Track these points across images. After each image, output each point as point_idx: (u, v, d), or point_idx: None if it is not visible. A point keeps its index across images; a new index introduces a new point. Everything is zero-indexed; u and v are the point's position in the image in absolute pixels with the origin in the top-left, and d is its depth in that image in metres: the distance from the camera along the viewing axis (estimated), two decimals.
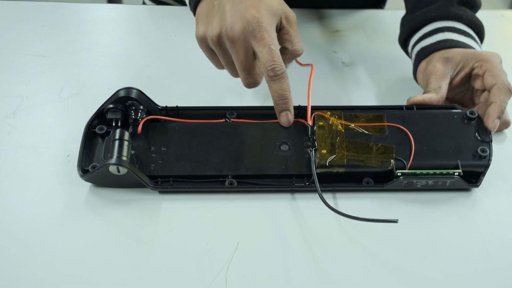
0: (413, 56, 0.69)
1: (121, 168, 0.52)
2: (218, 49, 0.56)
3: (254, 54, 0.55)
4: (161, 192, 0.55)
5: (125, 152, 0.53)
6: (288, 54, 0.59)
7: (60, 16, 0.83)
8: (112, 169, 0.52)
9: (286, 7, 0.58)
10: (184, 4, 0.86)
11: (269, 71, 0.54)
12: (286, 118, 0.57)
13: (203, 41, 0.57)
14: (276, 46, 0.54)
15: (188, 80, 0.71)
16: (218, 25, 0.55)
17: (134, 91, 0.58)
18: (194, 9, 0.60)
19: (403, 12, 0.74)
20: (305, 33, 0.81)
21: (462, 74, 0.63)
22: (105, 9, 0.87)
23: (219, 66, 0.60)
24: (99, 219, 0.52)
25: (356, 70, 0.74)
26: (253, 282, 0.47)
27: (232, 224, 0.52)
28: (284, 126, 0.57)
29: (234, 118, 0.59)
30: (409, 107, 0.60)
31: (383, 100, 0.68)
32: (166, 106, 0.60)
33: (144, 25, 0.83)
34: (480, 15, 0.72)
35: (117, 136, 0.54)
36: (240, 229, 0.51)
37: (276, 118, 0.58)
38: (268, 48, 0.53)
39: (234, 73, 0.59)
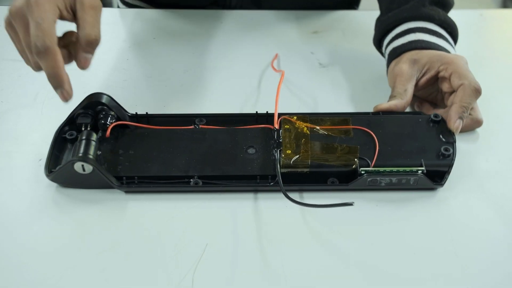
0: (386, 56, 0.69)
1: (86, 167, 0.53)
2: (9, 29, 0.53)
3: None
4: (127, 192, 0.55)
5: (91, 151, 0.54)
6: (82, 41, 0.53)
7: None
8: (77, 166, 0.53)
9: None
10: (160, 6, 0.87)
11: (32, 47, 0.50)
12: (61, 95, 0.52)
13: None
14: (46, 20, 0.50)
15: (164, 83, 0.72)
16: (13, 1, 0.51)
17: (105, 96, 0.59)
18: None
19: (377, 12, 0.74)
20: (283, 35, 0.81)
21: (428, 76, 0.63)
22: None
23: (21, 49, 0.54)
24: (66, 220, 0.53)
25: (332, 70, 0.74)
26: (220, 284, 0.47)
27: (200, 225, 0.52)
28: (64, 103, 0.53)
29: (203, 125, 0.59)
30: (375, 113, 0.61)
31: (357, 100, 0.69)
32: (136, 113, 0.60)
33: (122, 28, 0.84)
34: (458, 14, 0.72)
35: (84, 137, 0.55)
36: (208, 230, 0.52)
37: (245, 125, 0.59)
38: (34, 22, 0.49)
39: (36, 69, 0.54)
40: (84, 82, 0.71)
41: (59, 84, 0.52)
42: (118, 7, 0.94)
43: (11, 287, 0.46)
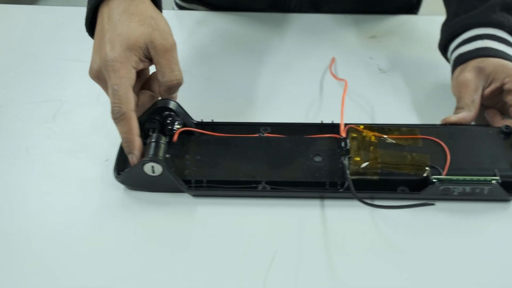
0: (451, 62, 0.68)
1: (156, 168, 0.53)
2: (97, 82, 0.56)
3: None
4: (195, 196, 0.55)
5: (160, 153, 0.54)
6: (162, 85, 0.56)
7: None
8: (147, 168, 0.53)
9: (154, 35, 0.54)
10: (216, 9, 0.87)
11: (111, 114, 0.53)
12: (131, 160, 0.54)
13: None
14: (121, 86, 0.52)
15: (223, 86, 0.72)
16: (91, 60, 0.55)
17: (172, 102, 0.59)
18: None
19: (437, 17, 0.73)
20: (341, 39, 0.80)
21: (492, 87, 0.62)
22: None
23: None
24: (135, 221, 0.53)
25: (393, 76, 0.73)
26: None
27: (268, 231, 0.52)
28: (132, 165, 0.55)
29: (268, 133, 0.59)
30: (443, 125, 0.60)
31: (421, 108, 0.67)
32: (202, 121, 0.60)
33: (178, 30, 0.84)
34: None
35: (153, 139, 0.55)
36: (276, 236, 0.51)
37: (310, 134, 0.59)
38: (111, 89, 0.52)
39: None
40: None
41: (131, 150, 0.54)
42: (173, 9, 0.95)
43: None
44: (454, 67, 0.67)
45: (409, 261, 0.49)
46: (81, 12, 0.86)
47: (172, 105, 0.59)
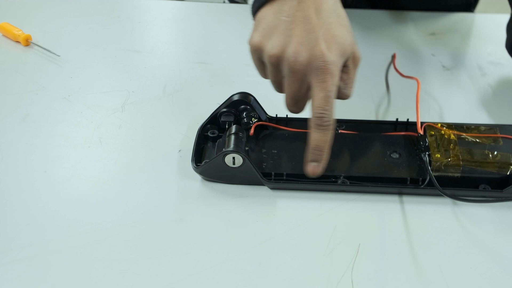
0: None
1: (237, 159, 0.53)
2: (272, 68, 0.51)
3: (308, 89, 0.51)
4: (273, 189, 0.55)
5: (241, 145, 0.54)
6: (342, 96, 0.53)
7: (154, 13, 0.85)
8: (228, 159, 0.53)
9: (355, 46, 0.52)
10: None
11: (317, 119, 0.49)
12: (313, 169, 0.51)
13: (256, 52, 0.52)
14: (334, 94, 0.49)
15: None
16: (280, 45, 0.49)
17: (249, 96, 0.59)
18: (255, 11, 0.54)
19: (494, 15, 0.72)
20: (401, 35, 0.80)
21: None
22: (201, 6, 0.88)
23: (265, 76, 0.55)
24: (216, 213, 0.53)
25: (457, 74, 0.73)
26: (379, 285, 0.46)
27: (349, 225, 0.51)
28: (309, 175, 0.52)
29: (342, 130, 0.59)
30: None
31: (490, 106, 0.67)
32: (276, 115, 0.61)
33: (237, 23, 0.84)
34: None
35: (233, 131, 0.55)
36: (358, 230, 0.51)
37: (384, 131, 0.58)
38: (325, 93, 0.48)
39: (279, 91, 0.54)
40: (206, 75, 0.72)
41: (320, 159, 0.51)
42: (224, 2, 0.95)
43: (162, 278, 0.47)
44: None
45: (494, 259, 0.49)
46: (137, 3, 0.86)
47: (248, 98, 0.59)
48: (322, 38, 0.49)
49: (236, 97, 0.59)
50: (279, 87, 0.54)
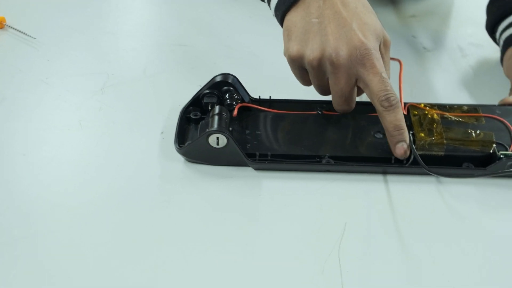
0: (501, 43, 0.68)
1: (220, 140, 0.52)
2: (315, 72, 0.53)
3: (356, 81, 0.52)
4: (257, 169, 0.54)
5: (225, 125, 0.54)
6: None
7: None
8: (212, 139, 0.52)
9: (384, 30, 0.55)
10: None
11: (384, 101, 0.51)
12: (403, 149, 0.52)
13: (296, 61, 0.54)
14: (386, 74, 0.51)
15: (270, 63, 0.71)
16: (319, 47, 0.51)
17: (231, 77, 0.59)
18: (282, 18, 0.56)
19: None
20: (382, 18, 0.78)
21: None
22: None
23: (307, 84, 0.56)
24: (200, 194, 0.52)
25: (438, 55, 0.73)
26: (366, 262, 0.46)
27: (335, 204, 0.51)
28: (399, 158, 0.53)
29: (325, 111, 0.59)
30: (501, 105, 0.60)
31: (470, 86, 0.67)
32: (260, 97, 0.60)
33: (217, 6, 0.83)
34: None
35: (217, 111, 0.55)
36: (343, 209, 0.51)
37: (369, 112, 0.58)
38: (380, 76, 0.50)
39: (325, 93, 0.56)
40: (188, 57, 0.71)
41: (403, 137, 0.52)
42: None
43: (145, 263, 0.46)
44: (504, 48, 0.67)
45: (478, 235, 0.49)
46: None
47: (231, 79, 0.58)
48: (356, 29, 0.51)
49: (218, 78, 0.58)
50: (325, 91, 0.55)
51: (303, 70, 0.55)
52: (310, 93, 0.63)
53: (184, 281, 0.44)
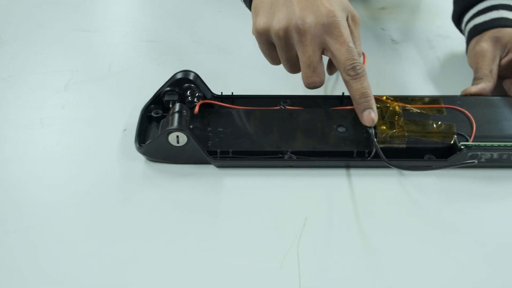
0: (466, 33, 0.68)
1: (181, 138, 0.52)
2: (282, 43, 0.53)
3: (323, 52, 0.53)
4: (219, 167, 0.54)
5: (185, 123, 0.53)
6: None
7: None
8: (172, 138, 0.52)
9: (351, 7, 0.55)
10: None
11: (350, 70, 0.51)
12: (369, 115, 0.53)
13: (264, 34, 0.53)
14: (353, 43, 0.52)
15: (236, 56, 0.71)
16: (285, 17, 0.51)
17: (192, 74, 0.58)
18: (250, 2, 0.56)
19: None
20: None
21: (509, 57, 0.62)
22: None
23: (275, 61, 0.57)
24: (160, 194, 0.51)
25: (406, 47, 0.73)
26: (325, 257, 0.46)
27: (296, 199, 0.51)
28: (367, 126, 0.53)
29: (288, 106, 0.59)
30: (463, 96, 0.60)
31: (436, 78, 0.67)
32: (222, 93, 0.59)
33: (185, 1, 0.82)
34: None
35: (177, 109, 0.54)
36: (304, 204, 0.51)
37: (330, 106, 0.58)
38: (347, 45, 0.51)
39: (293, 69, 0.56)
40: (154, 53, 0.71)
41: (370, 105, 0.53)
42: None
43: (104, 262, 0.45)
44: (469, 39, 0.67)
45: (438, 227, 0.49)
46: None
47: (192, 76, 0.58)
48: (324, 0, 0.51)
49: (179, 76, 0.58)
50: (293, 65, 0.55)
51: (270, 45, 0.55)
52: (276, 89, 0.63)
53: (144, 278, 0.44)
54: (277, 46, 0.54)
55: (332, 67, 0.58)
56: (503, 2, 0.66)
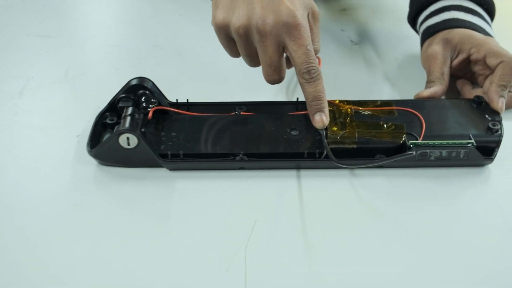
0: (420, 35, 0.68)
1: (131, 140, 0.51)
2: (241, 40, 0.52)
3: (283, 50, 0.52)
4: (171, 170, 0.54)
5: (136, 126, 0.53)
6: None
7: None
8: (122, 140, 0.51)
9: (312, 2, 0.54)
10: None
11: (305, 74, 0.51)
12: (320, 118, 0.52)
13: (223, 29, 0.52)
14: (311, 46, 0.51)
15: (195, 61, 0.71)
16: (245, 15, 0.51)
17: (147, 80, 0.58)
18: None
19: None
20: None
21: (460, 58, 0.63)
22: None
23: (235, 54, 0.56)
24: (111, 197, 0.51)
25: (365, 48, 0.73)
26: (272, 260, 0.46)
27: (247, 202, 0.51)
28: (318, 128, 0.53)
29: (244, 112, 0.59)
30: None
31: (394, 79, 0.68)
32: (177, 100, 0.59)
33: (147, 4, 0.82)
34: None
35: (128, 112, 0.54)
36: (255, 206, 0.51)
37: (286, 111, 0.58)
38: (304, 48, 0.50)
39: (253, 64, 0.55)
40: (113, 58, 0.70)
41: (321, 107, 0.53)
42: None
43: (55, 266, 0.45)
44: (423, 40, 0.67)
45: (387, 226, 0.49)
46: None
47: (146, 83, 0.58)
48: None
49: (134, 82, 0.58)
50: (252, 60, 0.54)
51: (230, 40, 0.54)
52: (233, 94, 0.63)
53: (91, 283, 0.44)
54: (237, 42, 0.53)
55: (290, 63, 0.58)
56: (455, 3, 0.66)
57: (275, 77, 0.54)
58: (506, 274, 0.45)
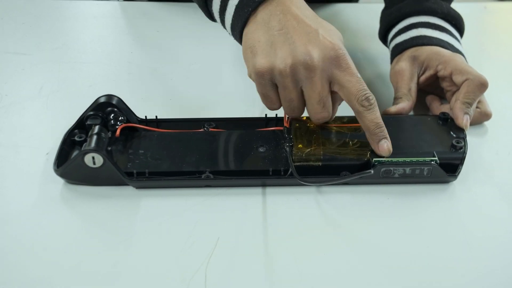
0: (390, 52, 0.69)
1: (97, 159, 0.52)
2: (287, 81, 0.51)
3: (330, 85, 0.52)
4: (138, 188, 0.54)
5: (102, 145, 0.53)
6: None
7: (40, 13, 0.83)
8: (88, 159, 0.52)
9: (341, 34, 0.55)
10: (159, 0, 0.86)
11: (364, 101, 0.51)
12: (387, 146, 0.53)
13: (267, 74, 0.51)
14: (358, 73, 0.52)
15: (170, 77, 0.71)
16: (289, 54, 0.50)
17: (115, 98, 0.58)
18: (240, 35, 0.54)
19: (377, 5, 0.74)
20: None
21: (427, 74, 0.63)
22: (86, 5, 0.87)
23: (275, 104, 0.54)
24: (74, 215, 0.52)
25: None
26: (233, 278, 0.46)
27: (211, 219, 0.51)
28: (384, 156, 0.53)
29: (212, 128, 0.59)
30: None
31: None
32: (146, 117, 0.60)
33: (123, 21, 0.83)
34: (462, 7, 0.72)
35: (95, 131, 0.55)
36: (219, 224, 0.51)
37: (255, 128, 0.59)
38: (356, 77, 0.51)
39: (293, 112, 0.54)
40: (88, 75, 0.71)
41: (385, 134, 0.53)
42: (118, 0, 0.93)
43: (18, 285, 0.45)
44: (392, 57, 0.68)
45: (349, 242, 0.50)
46: (22, 3, 0.84)
47: (115, 101, 0.58)
48: (323, 33, 0.51)
49: (102, 99, 0.58)
50: (295, 106, 0.54)
51: (272, 86, 0.53)
52: (204, 110, 0.64)
53: None
54: (281, 86, 0.52)
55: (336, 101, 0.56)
56: (422, 20, 0.67)
57: (324, 114, 0.54)
58: None
